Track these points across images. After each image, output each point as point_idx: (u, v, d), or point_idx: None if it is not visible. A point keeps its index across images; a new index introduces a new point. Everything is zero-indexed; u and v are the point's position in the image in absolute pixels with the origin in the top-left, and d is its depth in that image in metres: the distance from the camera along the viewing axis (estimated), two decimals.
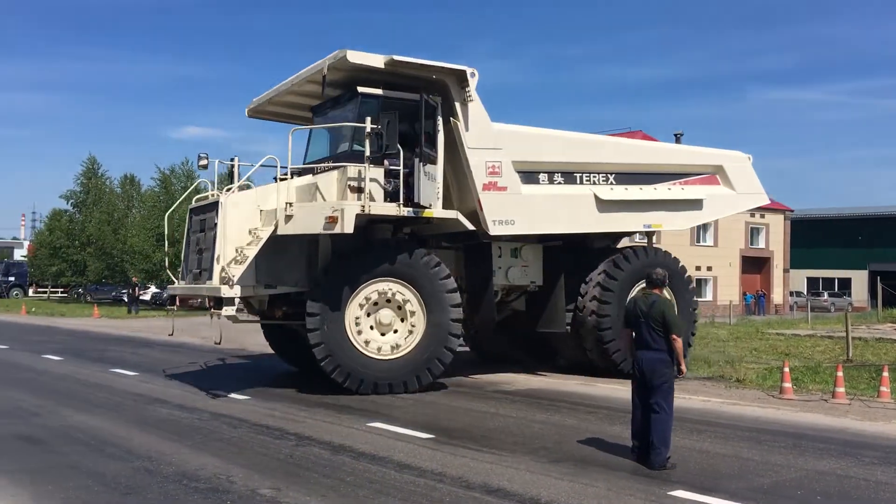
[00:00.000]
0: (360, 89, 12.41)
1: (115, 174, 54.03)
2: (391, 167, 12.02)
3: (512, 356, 16.47)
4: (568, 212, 13.94)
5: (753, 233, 50.88)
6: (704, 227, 46.92)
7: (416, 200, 12.00)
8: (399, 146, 11.85)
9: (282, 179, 12.41)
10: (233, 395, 12.06)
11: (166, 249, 17.34)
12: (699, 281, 46.91)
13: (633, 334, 8.10)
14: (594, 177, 14.32)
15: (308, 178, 12.54)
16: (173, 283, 13.83)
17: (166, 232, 16.54)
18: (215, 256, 11.72)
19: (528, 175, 13.58)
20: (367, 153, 11.72)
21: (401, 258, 12.22)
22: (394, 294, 12.24)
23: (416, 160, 12.07)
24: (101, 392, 12.53)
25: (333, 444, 8.64)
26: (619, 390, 12.81)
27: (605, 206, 14.21)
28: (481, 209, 12.90)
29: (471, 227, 12.75)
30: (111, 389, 12.81)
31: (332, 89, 12.98)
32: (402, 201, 11.93)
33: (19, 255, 79.53)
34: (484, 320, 14.06)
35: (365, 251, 12.29)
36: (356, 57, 11.96)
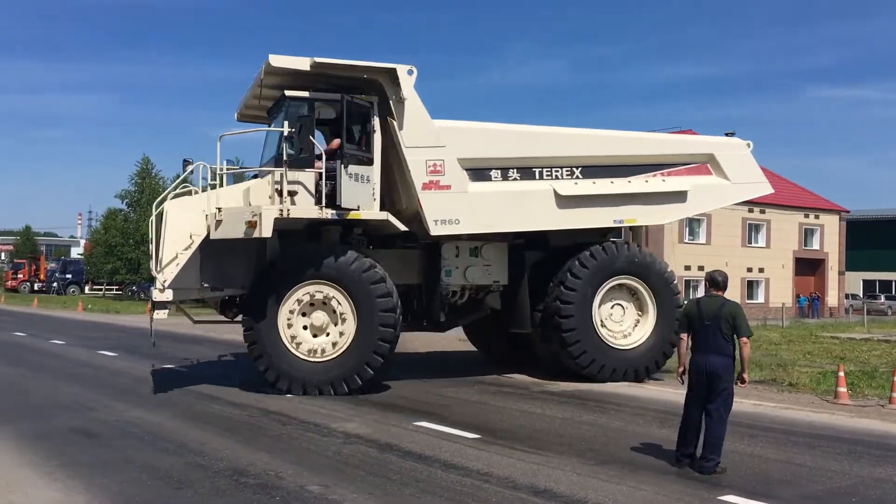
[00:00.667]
0: (287, 93, 12.44)
1: (168, 174, 55.11)
2: (319, 170, 12.08)
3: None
4: (522, 209, 13.34)
5: (807, 234, 49.77)
6: (756, 227, 46.11)
7: (337, 203, 11.93)
8: (320, 148, 12.02)
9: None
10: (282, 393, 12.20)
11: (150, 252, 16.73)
12: (750, 283, 46.08)
13: (691, 338, 7.86)
14: (557, 171, 13.58)
15: (251, 183, 12.82)
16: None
17: (150, 235, 16.13)
18: (158, 260, 11.84)
19: (479, 172, 13.15)
20: (285, 157, 11.89)
21: (329, 262, 12.12)
22: (326, 297, 12.19)
23: (338, 162, 12.00)
24: (155, 387, 12.79)
25: (380, 443, 8.70)
26: (667, 392, 12.67)
27: (565, 201, 13.47)
28: (421, 209, 12.68)
29: (402, 227, 12.62)
30: (164, 385, 13.06)
31: (276, 92, 13.08)
32: (324, 203, 11.94)
33: (76, 253, 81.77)
34: (431, 320, 13.89)
35: (294, 256, 12.39)
36: (279, 61, 12.03)
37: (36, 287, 62.31)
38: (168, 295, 11.70)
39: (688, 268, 41.45)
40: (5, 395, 12.25)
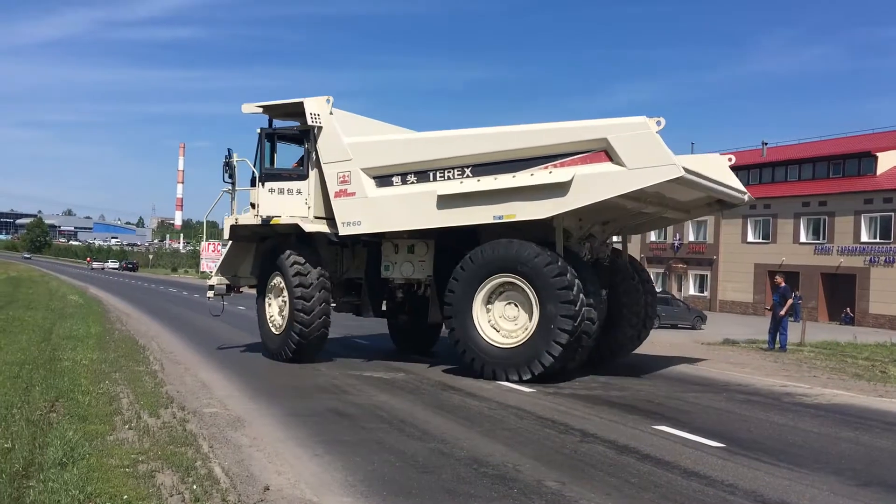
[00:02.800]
0: (259, 129, 15.79)
1: None
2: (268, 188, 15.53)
3: None
4: (409, 209, 14.16)
5: None
6: None
7: (258, 213, 15.40)
8: (255, 171, 15.52)
9: None
10: (519, 387, 12.43)
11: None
12: None
13: None
14: (450, 172, 13.88)
15: None
16: None
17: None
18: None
19: (383, 179, 14.53)
20: (225, 178, 15.98)
21: (277, 258, 15.21)
22: (279, 285, 15.29)
23: (258, 181, 15.50)
24: (402, 374, 13.55)
25: (618, 444, 8.58)
26: None
27: (445, 201, 13.72)
28: (335, 214, 14.88)
29: (307, 229, 14.89)
30: (408, 372, 13.81)
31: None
32: (257, 213, 15.44)
33: None
34: (364, 309, 16.35)
35: (262, 253, 16.28)
36: (247, 108, 15.73)
37: None
38: (213, 280, 17.04)
39: None
40: (275, 375, 13.60)
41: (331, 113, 15.06)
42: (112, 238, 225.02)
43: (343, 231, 14.84)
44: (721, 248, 57.16)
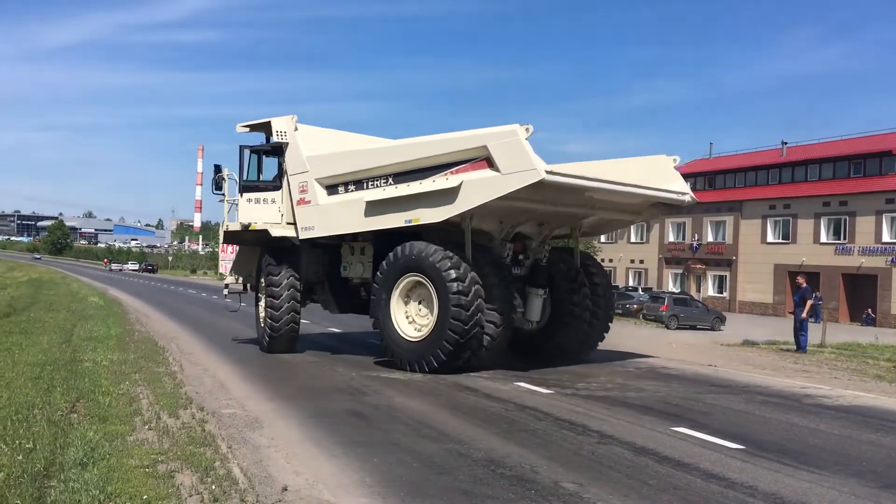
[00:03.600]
0: (240, 145, 17.32)
1: None
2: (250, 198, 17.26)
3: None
4: (345, 215, 15.38)
5: None
6: None
7: (238, 220, 16.98)
8: (235, 180, 17.26)
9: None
10: (536, 388, 12.41)
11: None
12: None
13: None
14: (378, 181, 14.97)
15: None
16: None
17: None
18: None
19: (332, 188, 15.68)
20: (214, 190, 17.88)
21: (261, 262, 17.18)
22: (262, 285, 17.00)
23: (238, 192, 17.22)
24: (418, 375, 13.55)
25: (636, 446, 8.54)
26: None
27: (371, 207, 14.92)
28: (296, 220, 16.23)
29: (274, 234, 16.34)
30: (424, 373, 13.79)
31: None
32: (239, 220, 16.98)
33: None
34: (325, 304, 17.66)
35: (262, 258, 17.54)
36: (239, 128, 17.34)
37: None
38: (229, 280, 19.53)
39: None
40: (292, 376, 13.66)
41: (296, 129, 16.41)
42: (132, 240, 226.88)
43: (302, 235, 16.12)
44: (740, 249, 56.79)
